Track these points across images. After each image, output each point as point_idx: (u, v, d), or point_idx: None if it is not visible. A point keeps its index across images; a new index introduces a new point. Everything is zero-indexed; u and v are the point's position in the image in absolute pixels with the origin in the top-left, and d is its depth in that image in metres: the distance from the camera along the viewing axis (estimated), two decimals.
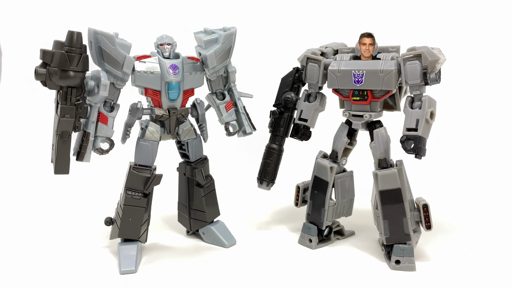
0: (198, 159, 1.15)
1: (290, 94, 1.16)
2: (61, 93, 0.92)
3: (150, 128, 1.07)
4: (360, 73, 1.04)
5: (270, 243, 1.19)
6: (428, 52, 0.98)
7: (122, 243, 1.08)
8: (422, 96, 1.00)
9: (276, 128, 1.19)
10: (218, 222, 1.21)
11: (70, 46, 0.90)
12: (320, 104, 1.15)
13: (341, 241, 1.19)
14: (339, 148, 1.13)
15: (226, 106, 1.16)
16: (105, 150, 1.01)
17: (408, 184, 1.06)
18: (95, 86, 0.96)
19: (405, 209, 1.03)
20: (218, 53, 1.08)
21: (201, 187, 1.15)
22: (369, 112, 1.07)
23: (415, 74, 0.99)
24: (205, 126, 1.14)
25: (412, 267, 1.02)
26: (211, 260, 1.08)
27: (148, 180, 1.05)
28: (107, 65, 0.97)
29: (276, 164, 1.19)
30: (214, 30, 1.10)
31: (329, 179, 1.12)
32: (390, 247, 1.06)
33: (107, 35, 0.95)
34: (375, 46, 1.05)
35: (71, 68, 0.90)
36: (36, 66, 0.90)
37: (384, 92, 1.05)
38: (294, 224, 1.29)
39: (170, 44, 1.06)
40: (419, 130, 0.98)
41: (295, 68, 1.19)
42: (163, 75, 1.04)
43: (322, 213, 1.13)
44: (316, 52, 1.14)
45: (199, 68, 1.10)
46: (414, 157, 0.98)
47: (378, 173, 1.04)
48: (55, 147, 0.94)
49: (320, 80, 1.12)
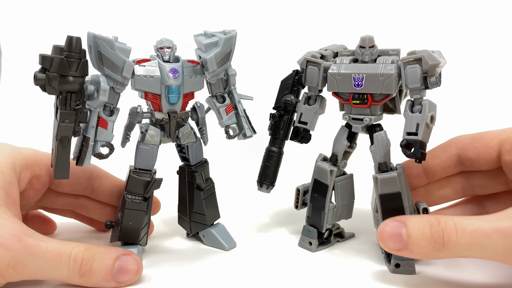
0: (198, 162, 1.15)
1: (290, 96, 1.16)
2: (61, 98, 0.91)
3: (150, 132, 1.06)
4: (360, 76, 1.04)
5: (270, 246, 1.19)
6: (428, 56, 0.98)
7: (122, 246, 1.08)
8: (422, 100, 1.00)
9: (276, 131, 1.19)
10: (218, 225, 1.21)
11: (69, 51, 0.89)
12: (320, 107, 1.15)
13: (341, 244, 1.19)
14: (339, 151, 1.13)
15: (226, 109, 1.15)
16: (104, 154, 1.01)
17: (408, 187, 1.06)
18: (94, 91, 0.96)
19: (405, 212, 1.03)
20: (218, 57, 1.07)
21: (201, 190, 1.15)
22: (369, 115, 1.07)
23: (416, 78, 0.99)
24: (205, 129, 1.14)
25: (412, 270, 1.02)
26: (211, 263, 1.08)
27: (148, 184, 1.05)
28: (106, 70, 0.97)
29: (276, 167, 1.19)
30: (214, 33, 1.10)
31: (329, 182, 1.12)
32: None
33: (107, 39, 0.95)
34: (375, 49, 1.05)
35: (70, 73, 0.89)
36: (35, 71, 0.90)
37: (384, 95, 1.04)
38: (294, 227, 1.29)
39: (170, 47, 1.06)
40: (419, 135, 0.98)
41: (294, 70, 1.18)
42: (163, 79, 1.04)
43: (322, 216, 1.13)
44: (316, 55, 1.14)
45: (199, 72, 1.10)
46: (415, 161, 0.98)
47: (378, 177, 1.04)
48: (55, 152, 0.94)
49: (320, 83, 1.12)
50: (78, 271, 0.89)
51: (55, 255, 0.87)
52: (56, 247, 0.89)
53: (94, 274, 0.91)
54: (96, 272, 0.91)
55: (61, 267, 0.88)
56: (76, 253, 0.90)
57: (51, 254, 0.87)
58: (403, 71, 1.00)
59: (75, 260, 0.89)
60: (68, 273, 0.89)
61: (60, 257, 0.88)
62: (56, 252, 0.88)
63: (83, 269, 0.90)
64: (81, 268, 0.89)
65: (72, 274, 0.89)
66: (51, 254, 0.87)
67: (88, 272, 0.90)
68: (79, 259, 0.89)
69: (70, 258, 0.89)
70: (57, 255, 0.88)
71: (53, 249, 0.88)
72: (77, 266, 0.89)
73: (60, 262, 0.88)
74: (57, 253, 0.88)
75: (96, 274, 0.91)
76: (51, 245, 0.88)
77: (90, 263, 0.91)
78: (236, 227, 1.26)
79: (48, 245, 0.88)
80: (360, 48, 1.06)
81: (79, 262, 0.89)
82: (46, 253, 0.87)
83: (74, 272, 0.89)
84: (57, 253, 0.88)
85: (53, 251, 0.88)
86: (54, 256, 0.87)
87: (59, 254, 0.88)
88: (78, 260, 0.89)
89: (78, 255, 0.90)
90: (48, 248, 0.87)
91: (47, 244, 0.88)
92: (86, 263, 0.90)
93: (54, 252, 0.88)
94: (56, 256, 0.88)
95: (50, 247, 0.88)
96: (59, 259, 0.88)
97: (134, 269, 0.96)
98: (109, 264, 0.93)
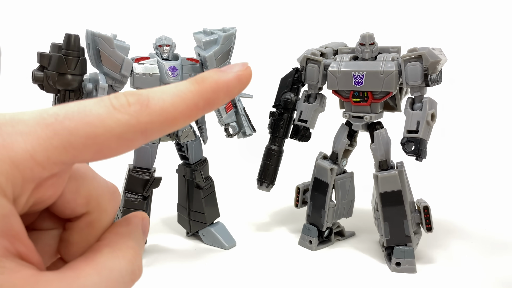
0: (197, 161, 1.15)
1: (290, 94, 1.16)
2: (59, 96, 0.91)
3: None
4: (360, 74, 1.04)
5: (270, 244, 1.18)
6: (429, 53, 0.97)
7: None
8: (423, 97, 1.00)
9: (275, 129, 1.18)
10: (218, 223, 1.20)
11: (67, 49, 0.89)
12: (320, 105, 1.14)
13: (341, 242, 1.19)
14: (339, 149, 1.13)
15: (226, 108, 1.15)
16: None
17: (408, 186, 1.05)
18: (93, 89, 0.96)
19: (406, 211, 1.03)
20: (217, 54, 1.07)
21: (201, 189, 1.15)
22: (370, 113, 1.06)
23: (416, 75, 0.98)
24: (204, 128, 1.14)
25: (413, 269, 1.02)
26: (211, 262, 1.08)
27: (147, 183, 1.04)
28: (105, 68, 0.96)
29: (276, 165, 1.18)
30: (213, 30, 1.10)
31: (329, 181, 1.12)
32: (390, 249, 1.05)
33: (105, 37, 0.95)
34: (376, 47, 1.05)
35: (68, 71, 0.89)
36: (34, 70, 0.90)
37: (385, 93, 1.04)
38: (294, 226, 1.28)
39: (169, 45, 1.06)
40: (420, 132, 0.97)
41: (294, 68, 1.18)
42: (162, 77, 1.03)
43: (323, 214, 1.13)
44: (315, 53, 1.13)
45: (198, 70, 1.09)
46: (415, 159, 0.98)
47: (379, 175, 1.04)
48: None
49: (320, 81, 1.11)
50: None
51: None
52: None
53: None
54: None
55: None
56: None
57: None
58: (403, 68, 1.00)
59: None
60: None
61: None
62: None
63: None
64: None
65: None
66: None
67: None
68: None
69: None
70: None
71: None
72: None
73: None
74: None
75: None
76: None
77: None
78: (236, 226, 1.26)
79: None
80: (360, 45, 1.05)
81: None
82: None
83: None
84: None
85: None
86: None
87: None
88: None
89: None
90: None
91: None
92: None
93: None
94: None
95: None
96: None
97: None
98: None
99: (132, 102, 0.31)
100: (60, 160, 0.30)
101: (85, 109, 0.30)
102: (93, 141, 0.30)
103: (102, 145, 0.30)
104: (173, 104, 0.32)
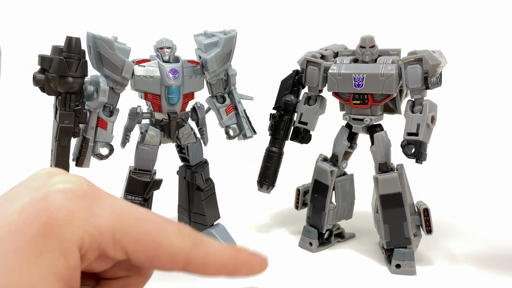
0: (198, 163, 1.15)
1: (290, 97, 1.16)
2: (60, 99, 0.91)
3: (150, 133, 1.06)
4: (360, 76, 1.04)
5: (270, 246, 1.18)
6: (429, 56, 0.97)
7: None
8: (423, 100, 1.00)
9: (276, 131, 1.18)
10: (218, 225, 1.20)
11: (68, 52, 0.89)
12: (320, 107, 1.14)
13: (341, 244, 1.19)
14: (339, 151, 1.13)
15: (227, 110, 1.15)
16: (104, 155, 1.01)
17: (408, 188, 1.06)
18: (94, 91, 0.96)
19: (406, 213, 1.03)
20: (218, 57, 1.07)
21: (201, 191, 1.15)
22: (370, 116, 1.07)
23: (416, 78, 0.99)
24: (205, 130, 1.14)
25: (413, 271, 1.02)
26: None
27: (148, 185, 1.04)
28: (106, 70, 0.96)
29: (276, 167, 1.19)
30: (214, 33, 1.10)
31: (330, 183, 1.12)
32: (390, 251, 1.05)
33: (106, 39, 0.95)
34: (376, 49, 1.05)
35: (69, 74, 0.89)
36: (35, 72, 0.90)
37: (385, 96, 1.04)
38: (294, 227, 1.28)
39: (170, 47, 1.05)
40: (420, 135, 0.97)
41: (295, 70, 1.18)
42: (162, 79, 1.03)
43: (323, 216, 1.13)
44: (316, 55, 1.13)
45: (199, 72, 1.09)
46: (415, 162, 0.98)
47: (379, 177, 1.04)
48: (54, 153, 0.94)
49: (320, 83, 1.12)
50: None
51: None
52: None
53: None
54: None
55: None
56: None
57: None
58: (403, 71, 1.00)
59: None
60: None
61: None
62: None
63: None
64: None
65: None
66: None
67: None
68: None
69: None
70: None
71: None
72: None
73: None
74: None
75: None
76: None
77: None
78: (236, 228, 1.26)
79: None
80: (361, 48, 1.06)
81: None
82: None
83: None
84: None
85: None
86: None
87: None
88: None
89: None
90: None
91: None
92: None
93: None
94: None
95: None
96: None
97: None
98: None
99: (192, 236, 0.38)
100: (125, 249, 0.36)
101: (161, 222, 0.37)
102: (155, 251, 0.36)
103: (156, 255, 0.36)
104: (215, 254, 0.40)
